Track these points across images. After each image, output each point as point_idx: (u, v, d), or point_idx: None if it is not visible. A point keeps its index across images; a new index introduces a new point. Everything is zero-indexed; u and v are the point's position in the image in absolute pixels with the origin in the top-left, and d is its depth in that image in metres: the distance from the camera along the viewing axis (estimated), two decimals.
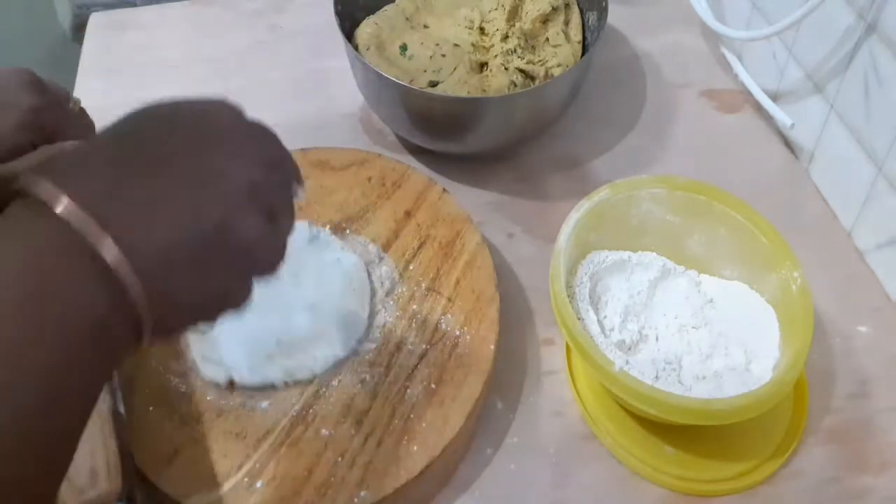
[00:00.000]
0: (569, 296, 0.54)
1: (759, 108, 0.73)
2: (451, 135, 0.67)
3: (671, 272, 0.58)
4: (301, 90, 0.78)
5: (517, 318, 0.61)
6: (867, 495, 0.52)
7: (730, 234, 0.57)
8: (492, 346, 0.55)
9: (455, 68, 0.69)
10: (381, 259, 0.60)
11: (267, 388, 0.53)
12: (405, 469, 0.49)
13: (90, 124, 0.53)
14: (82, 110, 0.54)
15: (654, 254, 0.59)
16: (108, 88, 0.79)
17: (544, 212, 0.68)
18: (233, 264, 0.34)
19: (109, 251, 0.30)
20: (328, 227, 0.62)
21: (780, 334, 0.53)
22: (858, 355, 0.59)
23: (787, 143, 0.73)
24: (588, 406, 0.56)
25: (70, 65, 0.81)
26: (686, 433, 0.54)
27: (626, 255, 0.58)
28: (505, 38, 0.70)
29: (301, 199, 0.39)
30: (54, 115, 0.50)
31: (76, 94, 0.78)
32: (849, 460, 0.54)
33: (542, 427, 0.56)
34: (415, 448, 0.50)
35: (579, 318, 0.54)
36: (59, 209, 0.30)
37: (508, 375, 0.58)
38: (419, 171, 0.65)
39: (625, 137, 0.74)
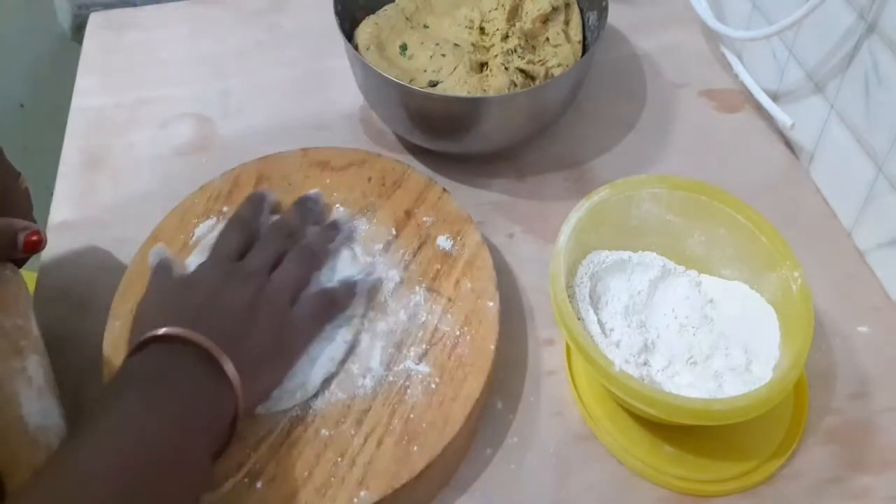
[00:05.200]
0: (569, 296, 0.54)
1: (759, 108, 0.73)
2: (451, 135, 0.67)
3: (671, 272, 0.58)
4: (301, 90, 0.78)
5: (517, 318, 0.61)
6: (867, 495, 0.52)
7: (730, 234, 0.57)
8: (492, 346, 0.55)
9: (455, 68, 0.69)
10: (380, 259, 0.60)
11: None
12: (405, 469, 0.49)
13: (30, 204, 0.56)
14: (26, 190, 0.56)
15: (654, 254, 0.59)
16: (107, 88, 0.79)
17: (544, 212, 0.68)
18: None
19: (229, 368, 0.46)
20: None
21: (780, 334, 0.53)
22: (859, 355, 0.59)
23: (788, 143, 0.73)
24: (588, 406, 0.56)
25: (70, 64, 0.81)
26: (686, 433, 0.54)
27: (626, 255, 0.58)
28: (505, 37, 0.70)
29: None
30: (7, 193, 0.53)
31: (76, 93, 0.78)
32: (849, 460, 0.54)
33: (542, 427, 0.56)
34: (415, 448, 0.50)
35: (579, 318, 0.54)
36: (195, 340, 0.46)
37: (508, 375, 0.58)
38: (419, 171, 0.65)
39: (625, 137, 0.74)
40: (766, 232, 0.55)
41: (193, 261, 0.58)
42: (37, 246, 0.52)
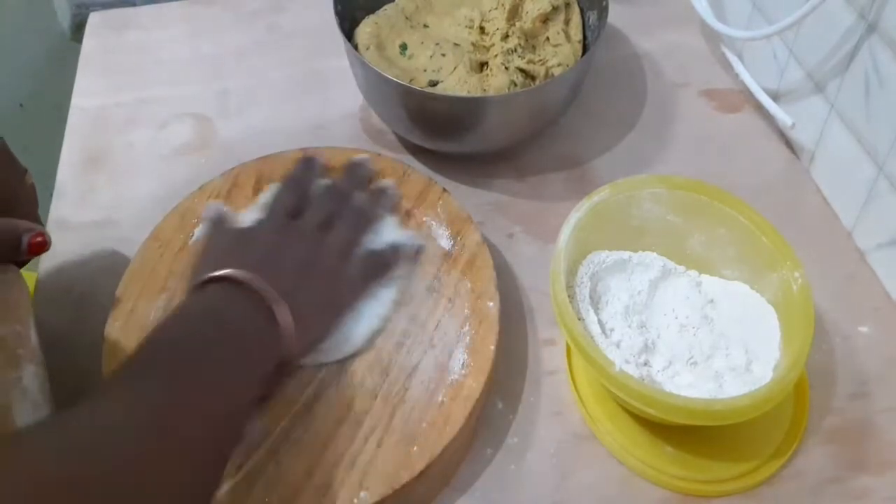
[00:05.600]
0: (569, 296, 0.54)
1: (759, 108, 0.73)
2: (451, 134, 0.67)
3: (672, 272, 0.58)
4: (301, 90, 0.78)
5: (517, 318, 0.61)
6: (867, 496, 0.52)
7: (730, 234, 0.57)
8: (492, 347, 0.55)
9: (455, 68, 0.69)
10: None
11: None
12: (405, 469, 0.49)
13: (36, 202, 0.56)
14: (32, 186, 0.56)
15: (655, 254, 0.59)
16: (107, 88, 0.79)
17: (544, 212, 0.68)
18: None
19: (283, 315, 0.48)
20: None
21: (780, 334, 0.53)
22: (859, 355, 0.59)
23: (788, 143, 0.72)
24: (588, 406, 0.56)
25: (69, 64, 0.81)
26: (686, 433, 0.54)
27: (626, 255, 0.58)
28: (505, 37, 0.70)
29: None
30: (13, 190, 0.53)
31: (76, 93, 0.78)
32: (849, 460, 0.54)
33: (542, 427, 0.55)
34: (415, 448, 0.50)
35: (579, 318, 0.54)
36: (255, 286, 0.48)
37: (508, 375, 0.58)
38: (419, 171, 0.65)
39: (625, 137, 0.74)
40: (767, 232, 0.55)
41: (247, 216, 0.59)
42: (41, 248, 0.52)
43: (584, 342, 0.50)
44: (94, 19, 0.86)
